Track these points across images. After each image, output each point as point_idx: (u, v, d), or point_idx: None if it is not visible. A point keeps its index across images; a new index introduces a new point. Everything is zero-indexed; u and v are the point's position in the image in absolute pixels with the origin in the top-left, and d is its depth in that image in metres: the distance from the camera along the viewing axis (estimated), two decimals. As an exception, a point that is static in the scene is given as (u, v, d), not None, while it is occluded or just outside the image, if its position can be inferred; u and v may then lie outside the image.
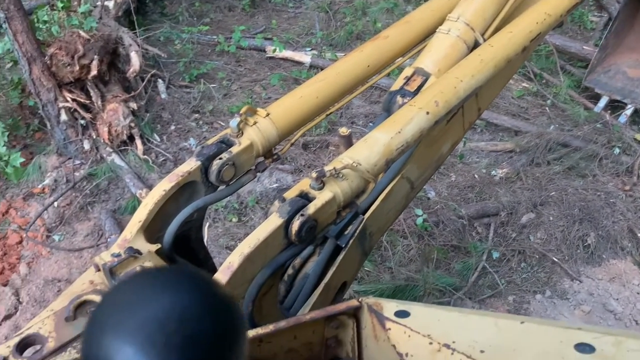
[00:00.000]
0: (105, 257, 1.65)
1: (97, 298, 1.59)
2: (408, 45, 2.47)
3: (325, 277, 2.07)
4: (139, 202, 4.40)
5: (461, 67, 2.18)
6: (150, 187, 4.52)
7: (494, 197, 4.55)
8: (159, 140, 5.17)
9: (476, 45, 2.38)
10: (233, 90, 6.12)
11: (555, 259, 4.09)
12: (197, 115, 5.65)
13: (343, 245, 2.04)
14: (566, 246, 4.13)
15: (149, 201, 1.85)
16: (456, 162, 4.95)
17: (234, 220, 4.45)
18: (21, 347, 1.47)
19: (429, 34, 2.51)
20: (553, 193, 4.53)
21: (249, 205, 4.58)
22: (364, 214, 2.09)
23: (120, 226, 4.16)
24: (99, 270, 1.65)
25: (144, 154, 4.85)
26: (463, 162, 4.98)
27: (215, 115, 5.70)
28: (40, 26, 5.04)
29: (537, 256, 4.12)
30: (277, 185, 4.90)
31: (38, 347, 1.49)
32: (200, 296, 0.25)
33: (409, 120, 1.93)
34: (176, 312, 0.24)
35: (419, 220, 4.18)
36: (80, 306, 1.58)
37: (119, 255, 1.66)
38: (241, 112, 2.03)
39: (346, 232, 2.06)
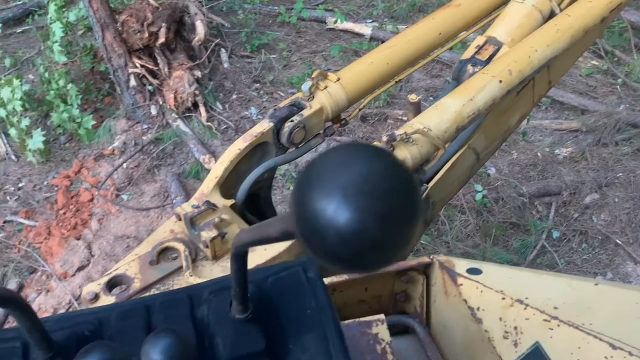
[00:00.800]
0: (186, 207, 1.75)
1: (178, 245, 1.70)
2: (480, 14, 2.44)
3: (386, 243, 2.11)
4: (202, 167, 4.56)
5: (536, 37, 2.14)
6: (212, 153, 4.67)
7: (557, 176, 4.45)
8: (221, 108, 5.30)
9: (552, 15, 2.32)
10: (293, 61, 6.17)
11: (619, 242, 3.98)
12: (257, 85, 5.75)
13: (406, 213, 2.07)
14: (631, 229, 4.00)
15: (225, 159, 1.93)
16: (518, 139, 4.85)
17: (292, 188, 4.55)
18: (110, 285, 1.59)
19: (503, 3, 2.46)
20: (620, 174, 4.38)
21: (306, 175, 4.66)
22: (427, 182, 2.10)
23: (185, 189, 4.33)
24: (179, 219, 1.76)
25: (207, 121, 5.00)
26: (526, 140, 4.88)
27: (276, 85, 5.79)
28: (112, -6, 5.22)
29: (600, 238, 4.02)
30: (334, 156, 4.95)
31: (125, 286, 1.62)
32: (394, 162, 0.30)
33: (481, 88, 1.93)
34: (378, 170, 0.29)
35: (478, 196, 4.15)
36: (162, 252, 1.69)
37: (198, 207, 1.76)
38: (313, 76, 2.07)
39: (410, 200, 2.09)
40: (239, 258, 0.72)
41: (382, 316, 1.25)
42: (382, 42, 5.56)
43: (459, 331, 1.30)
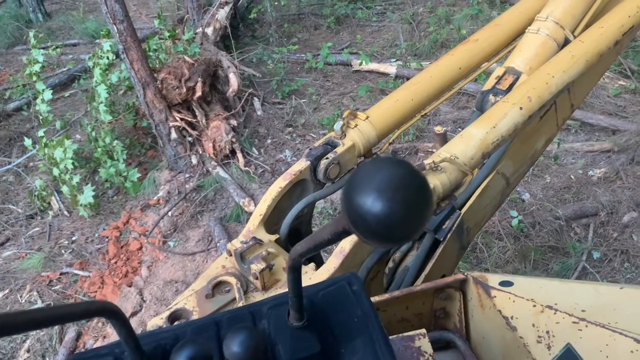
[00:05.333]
0: (235, 244, 1.91)
1: (230, 279, 1.84)
2: (498, 47, 2.57)
3: (424, 270, 2.21)
4: (243, 210, 4.74)
5: (552, 64, 2.25)
6: (251, 197, 4.86)
7: (592, 197, 4.45)
8: (257, 153, 5.53)
9: (566, 43, 2.43)
10: (322, 104, 6.41)
11: (662, 259, 3.94)
12: (290, 129, 5.98)
13: (441, 239, 2.16)
14: (674, 245, 3.96)
15: (268, 197, 2.09)
16: (550, 163, 4.89)
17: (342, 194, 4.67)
18: (172, 318, 1.74)
19: (518, 35, 2.59)
20: (657, 191, 4.36)
21: (343, 212, 4.79)
22: (460, 208, 2.20)
23: (227, 232, 4.51)
24: (230, 255, 1.91)
25: (244, 166, 5.22)
26: (558, 164, 4.91)
27: (307, 128, 6.01)
28: (151, 54, 5.59)
29: (642, 256, 3.99)
30: (368, 192, 5.07)
31: (185, 319, 1.76)
32: (410, 167, 0.43)
33: (503, 116, 2.04)
34: (399, 172, 0.42)
35: (515, 222, 4.18)
36: (216, 286, 1.84)
37: (246, 242, 1.91)
38: (343, 115, 2.24)
39: (444, 227, 2.19)
40: (295, 270, 0.85)
41: (423, 330, 1.35)
42: (407, 79, 5.74)
43: (497, 341, 1.38)
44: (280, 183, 2.11)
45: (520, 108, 2.08)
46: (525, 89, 2.15)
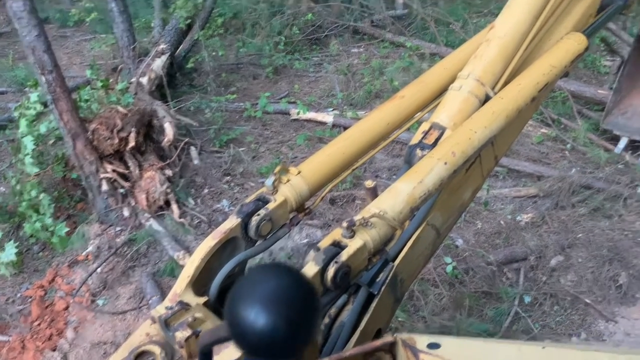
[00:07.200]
0: (159, 310, 1.81)
1: (154, 348, 1.74)
2: (423, 103, 2.66)
3: (360, 325, 2.18)
4: (177, 264, 4.59)
5: (474, 120, 2.34)
6: (187, 249, 4.72)
7: (521, 242, 4.62)
8: (193, 203, 5.42)
9: (487, 98, 2.55)
10: (261, 153, 6.41)
11: (588, 301, 4.09)
12: (228, 177, 5.92)
13: (376, 292, 2.16)
14: (598, 287, 4.14)
15: (196, 257, 2.02)
16: (481, 209, 5.06)
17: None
18: (89, 394, 1.62)
19: (443, 91, 2.69)
20: (580, 235, 4.58)
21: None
22: (393, 261, 2.21)
23: (160, 288, 4.33)
24: (154, 322, 1.81)
25: (180, 217, 5.08)
26: (488, 210, 5.08)
27: (246, 177, 5.97)
28: (82, 105, 5.43)
29: (570, 298, 4.13)
30: (307, 240, 5.05)
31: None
32: (297, 277, 0.41)
33: (429, 171, 2.09)
34: (284, 284, 0.40)
35: (449, 268, 4.26)
36: (139, 356, 1.73)
37: (171, 308, 1.82)
38: (275, 171, 2.22)
39: (378, 280, 2.19)
40: (206, 357, 0.81)
41: (352, 397, 1.31)
42: (344, 128, 5.87)
43: (427, 404, 1.36)
44: (209, 242, 2.04)
45: (445, 163, 2.14)
46: (449, 145, 2.22)
